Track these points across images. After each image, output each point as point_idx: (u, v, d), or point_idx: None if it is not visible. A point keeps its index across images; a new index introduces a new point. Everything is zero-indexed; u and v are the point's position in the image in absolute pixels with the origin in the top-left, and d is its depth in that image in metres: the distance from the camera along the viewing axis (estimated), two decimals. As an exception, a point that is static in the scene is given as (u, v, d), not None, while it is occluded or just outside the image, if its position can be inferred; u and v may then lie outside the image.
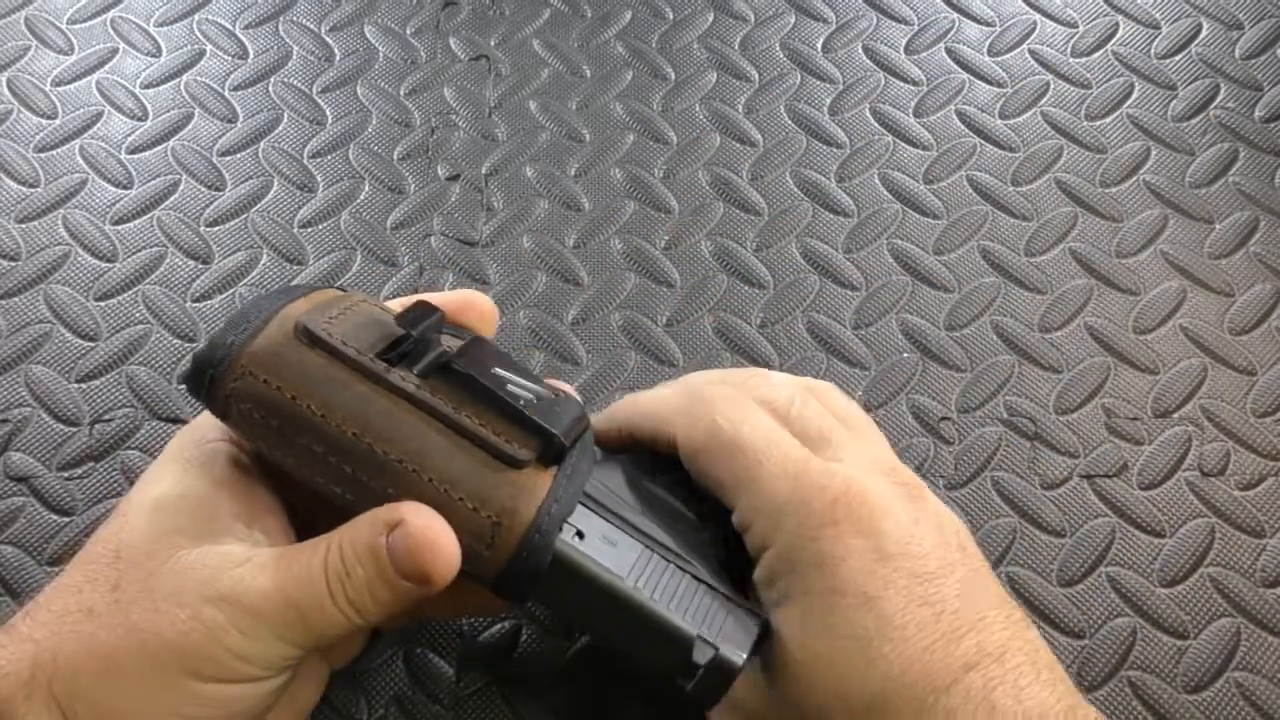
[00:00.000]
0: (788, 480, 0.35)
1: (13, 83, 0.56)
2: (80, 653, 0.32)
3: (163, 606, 0.32)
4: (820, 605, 0.34)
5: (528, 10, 0.60)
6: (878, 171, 0.55)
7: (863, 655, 0.33)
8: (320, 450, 0.33)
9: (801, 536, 0.34)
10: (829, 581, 0.34)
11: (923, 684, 0.32)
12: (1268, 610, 0.45)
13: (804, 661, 0.34)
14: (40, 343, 0.49)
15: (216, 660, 0.32)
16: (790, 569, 0.34)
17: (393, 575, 0.33)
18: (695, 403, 0.38)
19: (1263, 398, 0.50)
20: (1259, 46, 0.60)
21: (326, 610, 0.33)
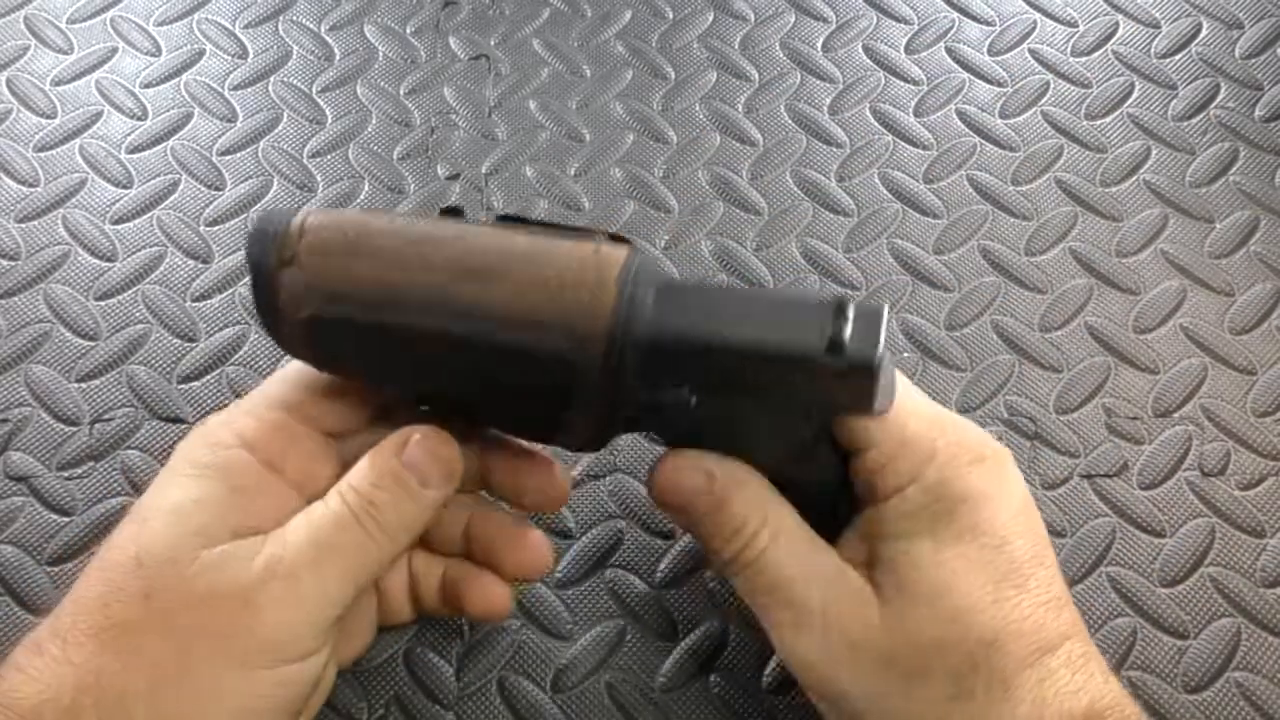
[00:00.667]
0: (938, 422, 0.37)
1: (12, 82, 0.56)
2: (124, 670, 0.32)
3: (203, 605, 0.33)
4: (958, 539, 0.35)
5: (528, 10, 0.60)
6: (878, 171, 0.55)
7: (991, 593, 0.34)
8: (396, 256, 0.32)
9: (954, 470, 0.35)
10: (972, 518, 0.35)
11: (1035, 637, 0.34)
12: (1268, 610, 0.45)
13: (934, 589, 0.34)
14: (40, 342, 0.49)
15: (269, 641, 0.33)
16: (935, 500, 0.35)
17: (415, 486, 0.35)
18: None
19: (1263, 397, 0.50)
20: (1259, 46, 0.60)
21: (364, 547, 0.34)
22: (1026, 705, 0.34)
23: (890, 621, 0.35)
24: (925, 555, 0.35)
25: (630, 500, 0.46)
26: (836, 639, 0.35)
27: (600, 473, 0.47)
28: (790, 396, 0.33)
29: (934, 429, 0.36)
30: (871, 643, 0.35)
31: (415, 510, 0.36)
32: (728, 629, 0.44)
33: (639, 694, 0.43)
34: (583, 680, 0.43)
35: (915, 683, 0.34)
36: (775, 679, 0.43)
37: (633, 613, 0.44)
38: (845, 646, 0.35)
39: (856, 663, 0.35)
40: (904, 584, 0.35)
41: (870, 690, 0.35)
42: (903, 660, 0.34)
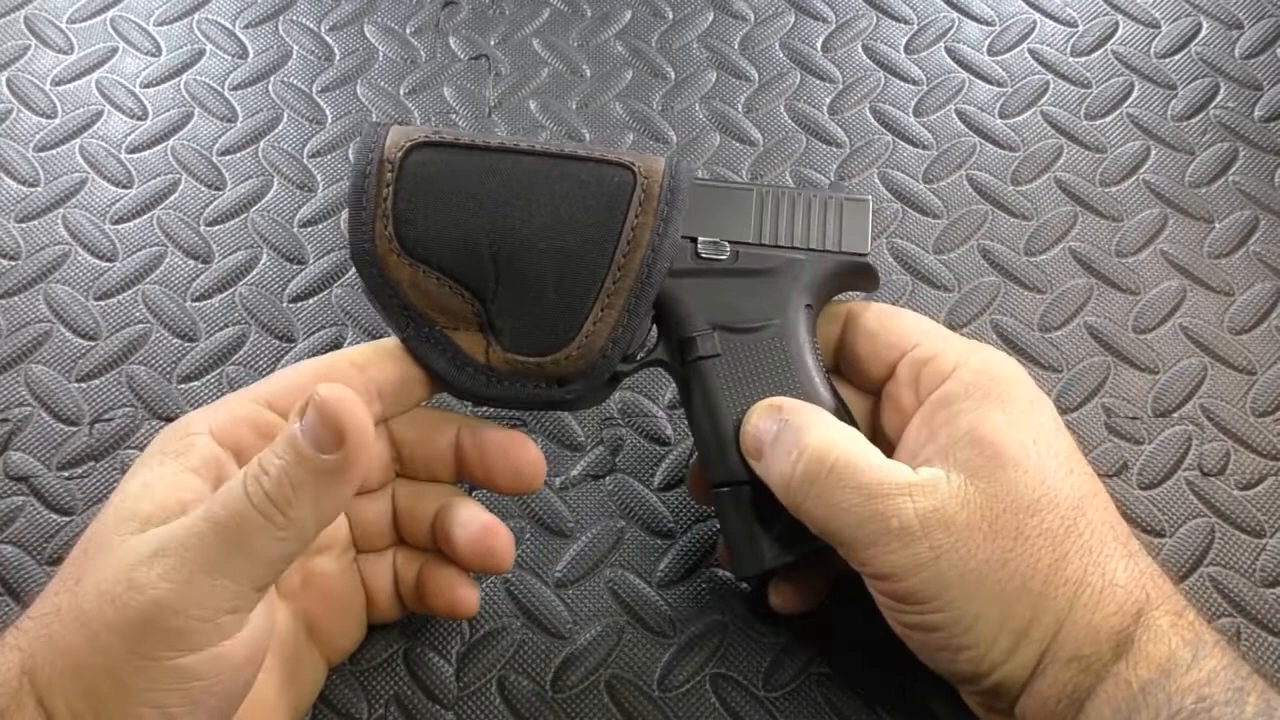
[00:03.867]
0: (965, 339, 0.41)
1: (12, 82, 0.56)
2: (50, 654, 0.32)
3: (105, 589, 0.32)
4: (1022, 412, 0.38)
5: (528, 9, 0.60)
6: (877, 171, 0.55)
7: (1065, 465, 0.37)
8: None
9: (995, 364, 0.39)
10: (1025, 395, 0.38)
11: (1108, 514, 0.37)
12: (1268, 610, 0.45)
13: (1021, 452, 0.36)
14: (40, 342, 0.49)
15: (158, 626, 0.31)
16: (988, 379, 0.38)
17: (308, 450, 0.32)
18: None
19: (1263, 397, 0.50)
20: (1259, 46, 0.60)
21: (249, 519, 0.31)
22: (1124, 574, 0.35)
23: (987, 492, 0.36)
24: (1000, 421, 0.37)
25: (630, 500, 0.47)
26: (939, 531, 0.35)
27: (600, 473, 0.47)
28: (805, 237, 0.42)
29: (967, 341, 0.41)
30: (975, 520, 0.35)
31: (311, 481, 0.32)
32: (727, 628, 0.44)
33: (639, 693, 0.43)
34: (583, 680, 0.43)
35: (1018, 548, 0.35)
36: (775, 678, 0.43)
37: (633, 612, 0.44)
38: (949, 534, 0.35)
39: (963, 546, 0.35)
40: (990, 447, 0.36)
41: (977, 569, 0.35)
42: (1005, 527, 0.35)
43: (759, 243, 0.42)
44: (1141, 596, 0.35)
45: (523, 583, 0.45)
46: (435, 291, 0.39)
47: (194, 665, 0.31)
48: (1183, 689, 0.33)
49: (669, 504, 0.46)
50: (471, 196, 0.39)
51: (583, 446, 0.48)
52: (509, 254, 0.39)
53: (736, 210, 0.42)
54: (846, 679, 0.43)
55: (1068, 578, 0.35)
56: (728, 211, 0.42)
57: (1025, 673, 0.35)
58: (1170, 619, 0.35)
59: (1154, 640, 0.34)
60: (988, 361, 0.39)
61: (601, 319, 0.39)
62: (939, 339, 0.40)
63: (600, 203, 0.39)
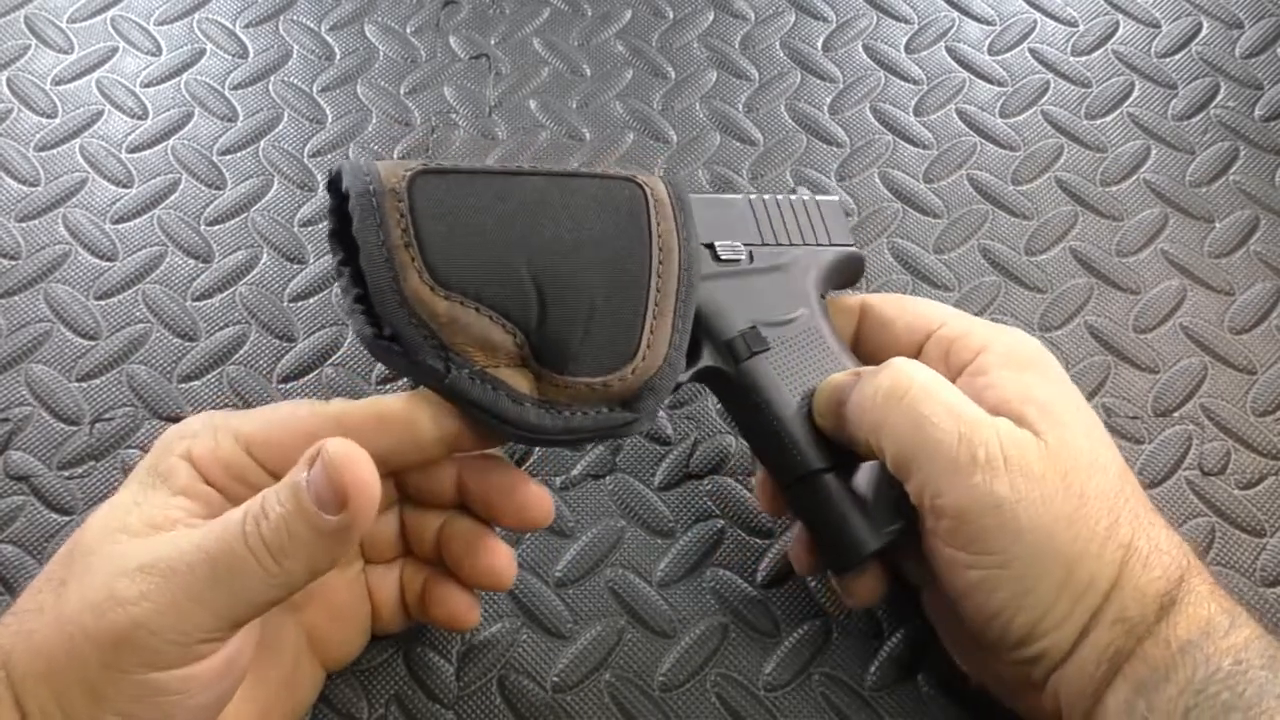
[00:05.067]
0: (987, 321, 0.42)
1: (13, 82, 0.56)
2: (27, 654, 0.32)
3: (87, 596, 0.31)
4: (1060, 384, 0.39)
5: (528, 9, 0.60)
6: (878, 170, 0.55)
7: (1101, 440, 0.38)
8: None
9: (1020, 337, 0.40)
10: (1060, 371, 0.40)
11: (1141, 492, 0.38)
12: (1268, 610, 0.45)
13: (1075, 418, 0.38)
14: (40, 341, 0.49)
15: (133, 643, 0.31)
16: (1018, 354, 0.39)
17: (310, 506, 0.31)
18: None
19: (1263, 397, 0.50)
20: (1259, 45, 0.60)
21: (241, 559, 0.31)
22: (1168, 541, 0.36)
23: (1056, 448, 0.36)
24: (1044, 388, 0.38)
25: (630, 500, 0.47)
26: (1020, 476, 0.35)
27: (600, 473, 0.47)
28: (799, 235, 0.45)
29: (988, 322, 0.41)
30: (1048, 473, 0.36)
31: (310, 538, 0.32)
32: (728, 628, 0.44)
33: (639, 693, 0.43)
34: (583, 679, 0.43)
35: (1082, 509, 0.35)
36: (776, 677, 0.43)
37: (633, 612, 0.44)
38: (1028, 481, 0.35)
39: (1040, 497, 0.35)
40: (1049, 409, 0.37)
41: (1049, 525, 0.35)
42: (1073, 485, 0.36)
43: (767, 243, 0.44)
44: (1184, 562, 0.36)
45: (523, 583, 0.45)
46: (475, 324, 0.35)
47: (166, 681, 0.31)
48: (1221, 650, 0.34)
49: (669, 504, 0.46)
50: (496, 218, 0.36)
51: (584, 448, 0.48)
52: (551, 273, 0.36)
53: (734, 216, 0.44)
54: (853, 677, 0.43)
55: (1120, 541, 0.35)
56: (726, 218, 0.43)
57: (1073, 637, 0.35)
58: (1209, 587, 0.36)
59: (1195, 603, 0.35)
60: (1017, 340, 0.40)
61: (658, 327, 0.38)
62: (963, 319, 0.42)
63: (623, 213, 0.39)
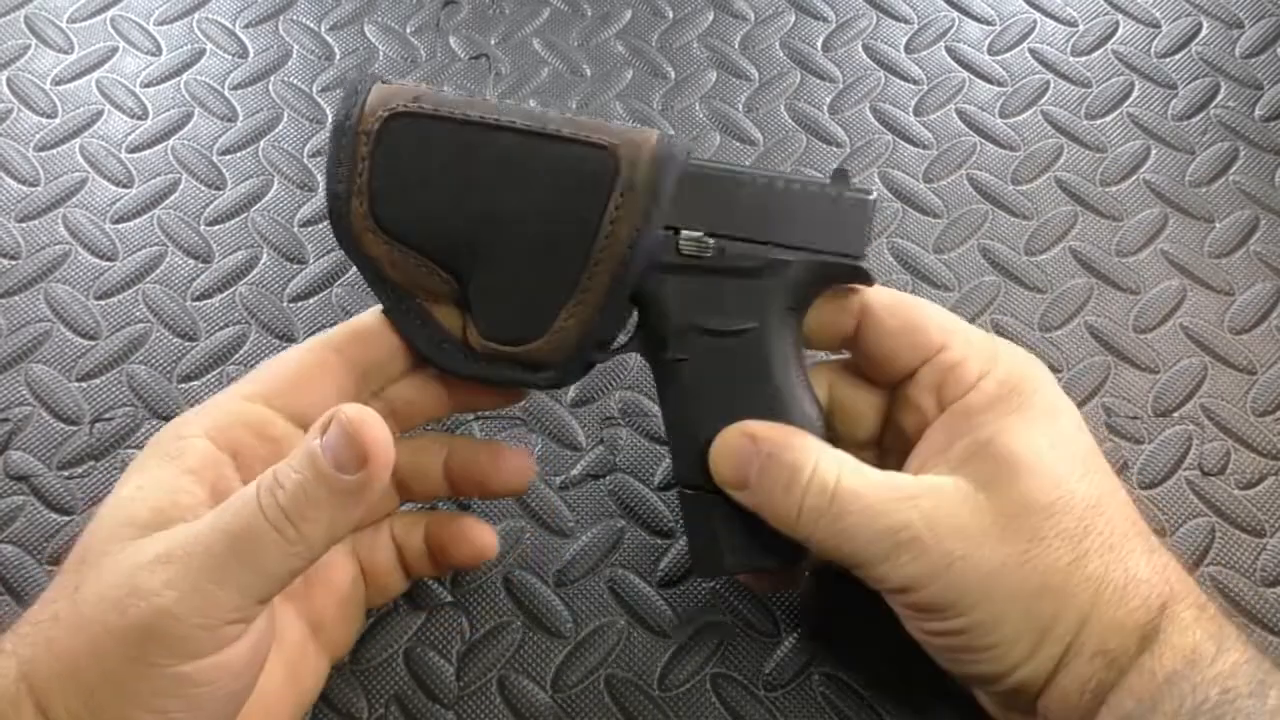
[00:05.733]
0: (990, 335, 0.40)
1: (13, 81, 0.56)
2: (49, 660, 0.32)
3: (107, 594, 0.32)
4: (1040, 419, 0.37)
5: (528, 9, 0.60)
6: (878, 170, 0.55)
7: (1082, 465, 0.37)
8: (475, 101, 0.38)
9: (1018, 365, 0.39)
10: (1046, 402, 0.38)
11: (1129, 511, 0.37)
12: (1268, 610, 0.45)
13: (1035, 456, 0.36)
14: (40, 341, 0.49)
15: (156, 632, 0.31)
16: (1010, 390, 0.38)
17: (328, 469, 0.32)
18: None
19: (1263, 397, 0.50)
20: (1259, 45, 0.60)
21: (260, 531, 0.31)
22: (1146, 568, 0.35)
23: (999, 496, 0.35)
24: (1018, 431, 0.37)
25: (630, 500, 0.47)
26: (951, 538, 0.35)
27: (600, 472, 0.47)
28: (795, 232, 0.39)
29: (989, 338, 0.40)
30: (987, 524, 0.35)
31: (327, 499, 0.32)
32: (727, 628, 0.44)
33: (639, 693, 0.43)
34: (583, 679, 0.43)
35: (1034, 549, 0.35)
36: (776, 677, 0.43)
37: (633, 612, 0.44)
38: (962, 539, 0.35)
39: (976, 550, 0.35)
40: (1005, 458, 0.36)
41: (993, 571, 0.35)
42: (1020, 530, 0.35)
43: (746, 238, 0.39)
44: (1165, 590, 0.35)
45: (523, 582, 0.45)
46: (413, 270, 0.38)
47: (194, 673, 0.31)
48: (1207, 680, 0.33)
49: (669, 503, 0.46)
50: (449, 177, 0.38)
51: (582, 446, 0.48)
52: (488, 240, 0.38)
53: (728, 199, 0.39)
54: (853, 677, 0.43)
55: (1089, 575, 0.35)
56: (718, 200, 0.39)
57: (1048, 669, 0.35)
58: (1194, 612, 0.35)
59: (1179, 632, 0.34)
60: (1012, 370, 0.38)
61: (574, 314, 0.38)
62: (964, 342, 0.39)
63: (578, 191, 0.38)
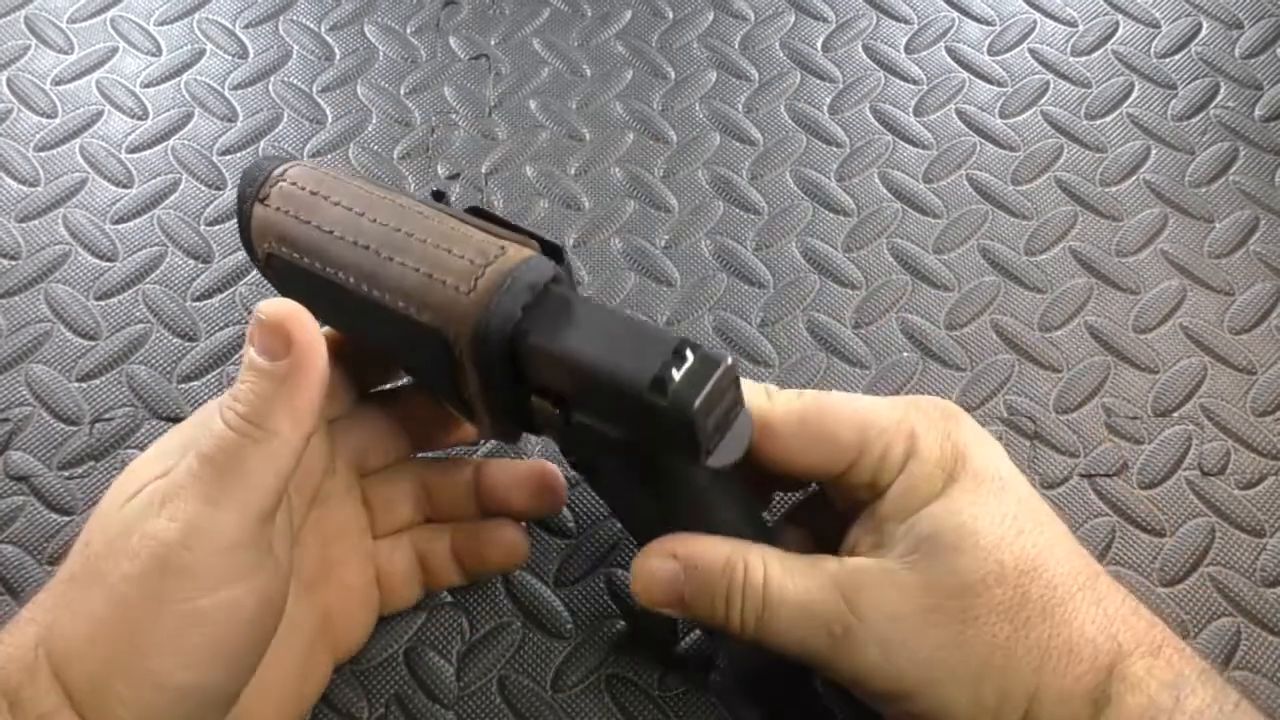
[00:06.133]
0: (897, 404, 0.38)
1: (13, 82, 0.56)
2: (65, 619, 0.32)
3: (116, 544, 0.33)
4: (964, 490, 0.36)
5: (528, 9, 0.60)
6: (878, 170, 0.55)
7: (1012, 527, 0.35)
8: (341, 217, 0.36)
9: (939, 436, 0.37)
10: (969, 469, 0.36)
11: (1071, 564, 0.36)
12: (1268, 610, 0.45)
13: (958, 534, 0.35)
14: (40, 342, 0.49)
15: (169, 567, 0.32)
16: (934, 468, 0.36)
17: (264, 363, 0.33)
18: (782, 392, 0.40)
19: (1263, 397, 0.50)
20: (1259, 45, 0.60)
21: (233, 443, 0.33)
22: (1092, 626, 0.34)
23: (926, 580, 0.35)
24: (939, 512, 0.36)
25: (630, 500, 0.47)
26: (882, 625, 0.35)
27: (600, 472, 0.47)
28: (632, 426, 0.33)
29: (900, 408, 0.38)
30: (916, 608, 0.35)
31: (275, 389, 0.33)
32: (728, 628, 0.44)
33: (639, 693, 0.43)
34: (583, 679, 0.43)
35: (970, 630, 0.34)
36: (775, 678, 0.43)
37: (633, 612, 0.44)
38: (893, 626, 0.35)
39: (910, 637, 0.34)
40: (928, 541, 0.35)
41: (930, 656, 0.34)
42: (951, 611, 0.34)
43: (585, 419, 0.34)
44: (1112, 648, 0.34)
45: (523, 582, 0.45)
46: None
47: (209, 609, 0.32)
48: None
49: (669, 504, 0.46)
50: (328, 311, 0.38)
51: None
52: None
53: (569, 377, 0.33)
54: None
55: (1030, 646, 0.34)
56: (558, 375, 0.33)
57: None
58: (1146, 663, 0.34)
59: (1131, 691, 0.33)
60: (927, 444, 0.37)
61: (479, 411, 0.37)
62: (876, 435, 0.37)
63: (427, 354, 0.35)
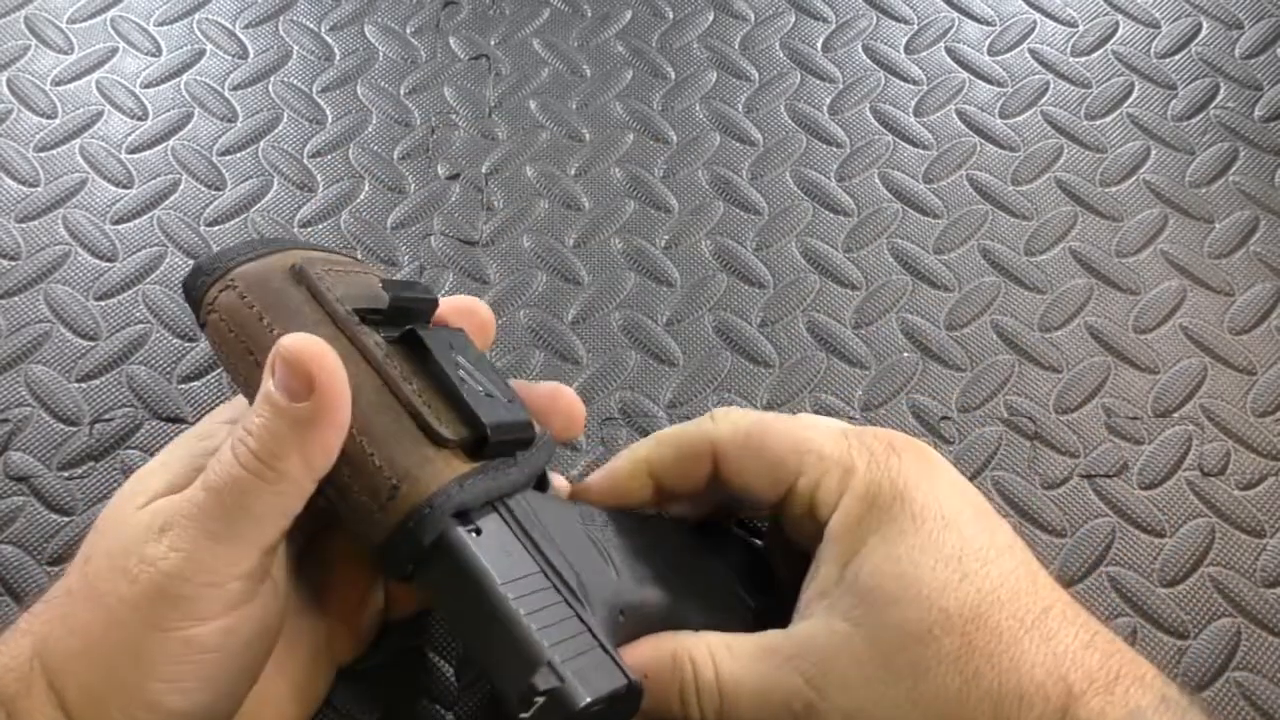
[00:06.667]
0: (842, 434, 0.37)
1: (13, 82, 0.56)
2: (61, 633, 0.32)
3: (116, 564, 0.32)
4: (904, 531, 0.35)
5: (528, 9, 0.60)
6: (878, 171, 0.55)
7: (956, 570, 0.34)
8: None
9: (878, 469, 0.36)
10: (909, 509, 0.35)
11: (1018, 603, 0.34)
12: (1268, 610, 0.45)
13: (899, 585, 0.34)
14: (40, 342, 0.49)
15: (166, 595, 0.31)
16: (870, 505, 0.36)
17: (282, 402, 0.32)
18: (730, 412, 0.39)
19: (1263, 397, 0.50)
20: (1259, 46, 0.60)
21: (241, 479, 0.32)
22: (1041, 669, 0.33)
23: (872, 637, 0.34)
24: (878, 558, 0.35)
25: (630, 500, 0.46)
26: (841, 697, 0.34)
27: (600, 472, 0.47)
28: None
29: (843, 441, 0.37)
30: (869, 673, 0.34)
31: (291, 431, 0.32)
32: (728, 629, 0.44)
33: (639, 694, 0.42)
34: (583, 680, 0.43)
35: (920, 684, 0.34)
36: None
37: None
38: (851, 695, 0.34)
39: (867, 703, 0.34)
40: (869, 595, 0.34)
41: (889, 716, 0.34)
42: (901, 667, 0.34)
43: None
44: (1063, 690, 0.33)
45: (523, 583, 0.44)
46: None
47: (205, 637, 0.32)
48: None
49: (669, 504, 0.46)
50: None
51: (581, 447, 0.48)
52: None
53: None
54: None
55: (982, 695, 0.33)
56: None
57: None
58: (1100, 700, 0.33)
59: None
60: (870, 481, 0.36)
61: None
62: (815, 461, 0.37)
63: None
